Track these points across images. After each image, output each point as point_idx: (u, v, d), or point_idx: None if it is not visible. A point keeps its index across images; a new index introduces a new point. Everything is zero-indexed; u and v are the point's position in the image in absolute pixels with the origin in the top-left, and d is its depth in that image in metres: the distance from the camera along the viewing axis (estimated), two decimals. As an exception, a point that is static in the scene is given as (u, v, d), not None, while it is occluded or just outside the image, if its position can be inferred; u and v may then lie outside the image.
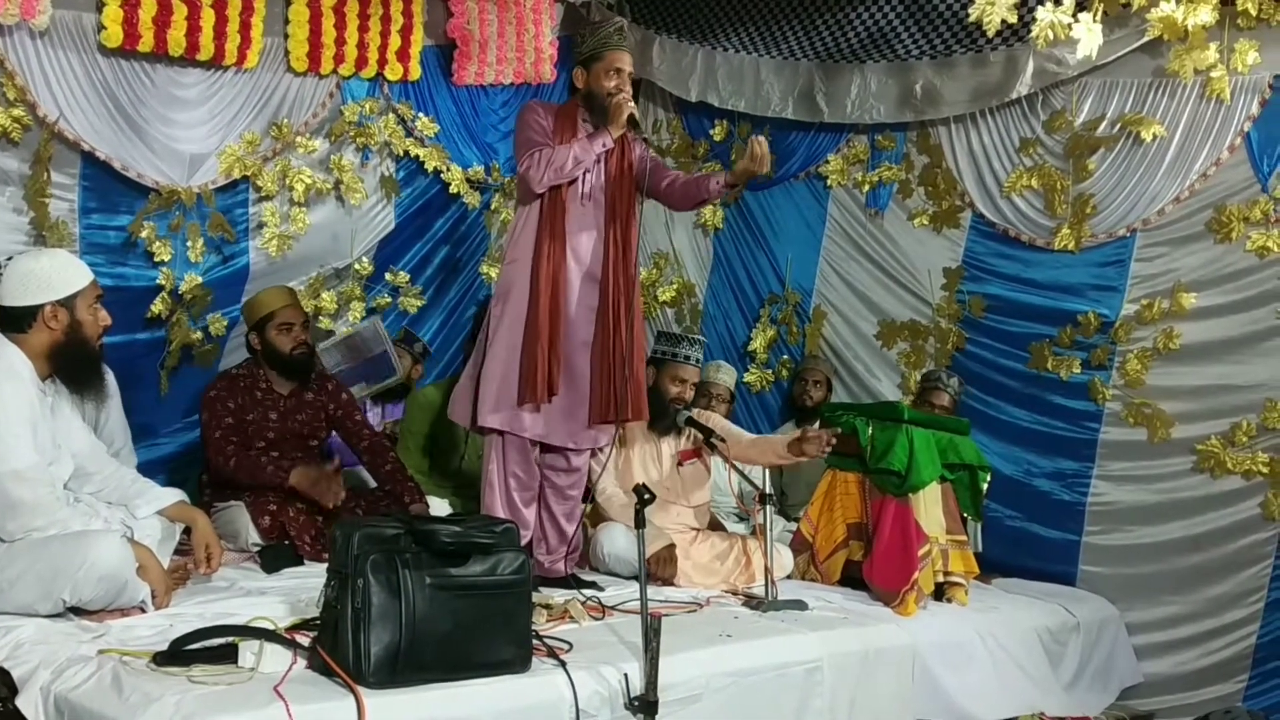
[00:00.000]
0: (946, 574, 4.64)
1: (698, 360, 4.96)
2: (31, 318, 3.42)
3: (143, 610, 3.36)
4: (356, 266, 5.76)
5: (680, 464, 4.95)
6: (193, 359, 5.28)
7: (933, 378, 5.55)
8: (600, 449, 4.54)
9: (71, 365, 3.48)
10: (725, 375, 5.75)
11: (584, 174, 4.29)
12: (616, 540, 4.55)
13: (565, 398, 4.30)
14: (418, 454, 5.36)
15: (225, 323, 5.33)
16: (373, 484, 5.02)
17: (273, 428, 4.71)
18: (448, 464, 5.36)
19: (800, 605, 4.26)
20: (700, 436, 4.80)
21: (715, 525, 5.14)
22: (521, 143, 4.30)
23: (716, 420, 5.05)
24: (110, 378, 4.13)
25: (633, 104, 4.28)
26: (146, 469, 4.41)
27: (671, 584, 4.49)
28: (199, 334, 5.25)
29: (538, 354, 4.17)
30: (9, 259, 3.73)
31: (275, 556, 4.26)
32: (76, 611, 3.28)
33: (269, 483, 4.51)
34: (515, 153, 4.39)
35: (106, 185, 4.93)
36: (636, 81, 6.56)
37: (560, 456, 4.43)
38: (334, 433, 4.99)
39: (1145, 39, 4.92)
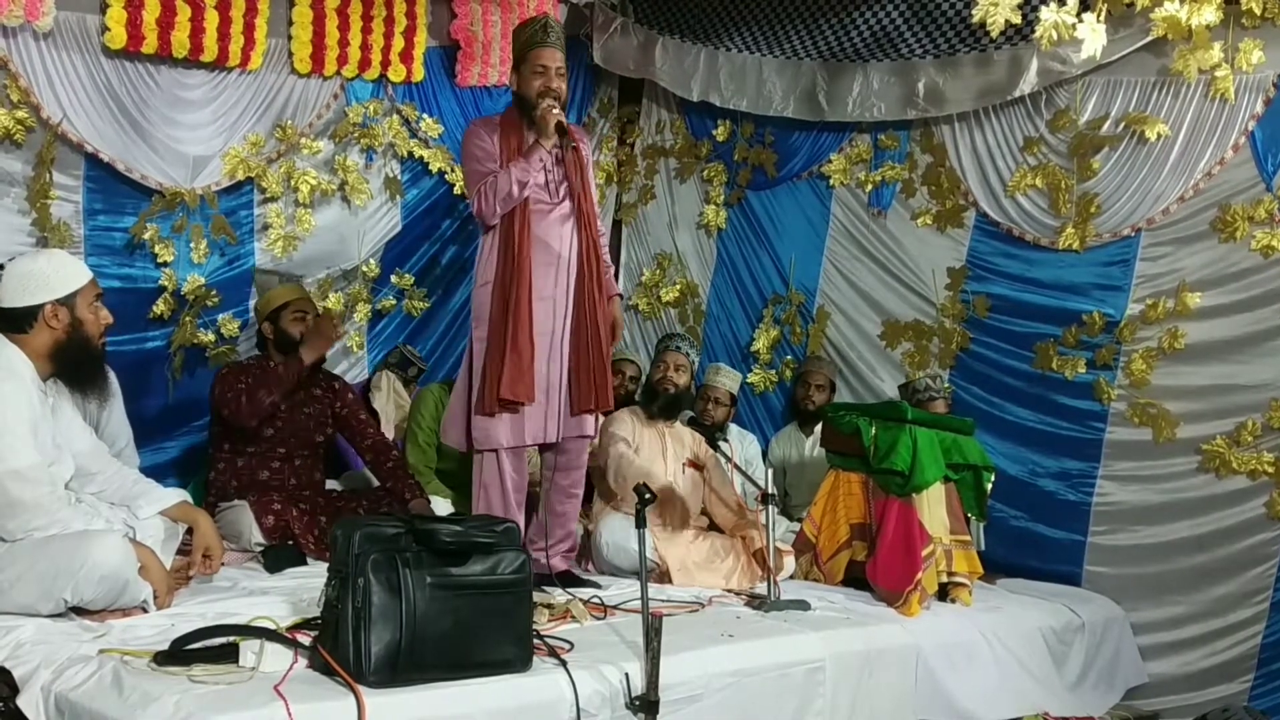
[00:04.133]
0: (950, 574, 4.63)
1: (679, 347, 5.12)
2: (32, 318, 3.43)
3: (144, 610, 3.37)
4: (364, 269, 5.77)
5: (685, 466, 4.99)
6: (206, 361, 5.29)
7: (920, 389, 5.48)
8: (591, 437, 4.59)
9: (74, 364, 3.48)
10: (725, 378, 5.74)
11: (536, 184, 4.30)
12: (615, 530, 4.56)
13: (550, 396, 4.34)
14: (430, 452, 5.36)
15: (237, 324, 5.35)
16: (374, 483, 5.03)
17: (281, 415, 4.72)
18: (453, 463, 5.35)
19: (803, 605, 4.25)
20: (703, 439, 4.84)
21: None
22: (468, 175, 4.32)
23: (719, 475, 5.09)
24: (112, 378, 4.14)
25: (558, 110, 4.26)
26: (153, 472, 4.42)
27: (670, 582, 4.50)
28: (211, 336, 5.26)
29: (497, 366, 4.21)
30: (5, 260, 3.75)
31: (278, 557, 4.27)
32: (78, 611, 3.29)
33: (280, 382, 4.59)
34: (465, 184, 4.38)
35: (112, 187, 4.95)
36: (638, 82, 6.60)
37: (565, 455, 4.44)
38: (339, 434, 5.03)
39: (1149, 38, 4.90)
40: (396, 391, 5.71)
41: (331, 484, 5.10)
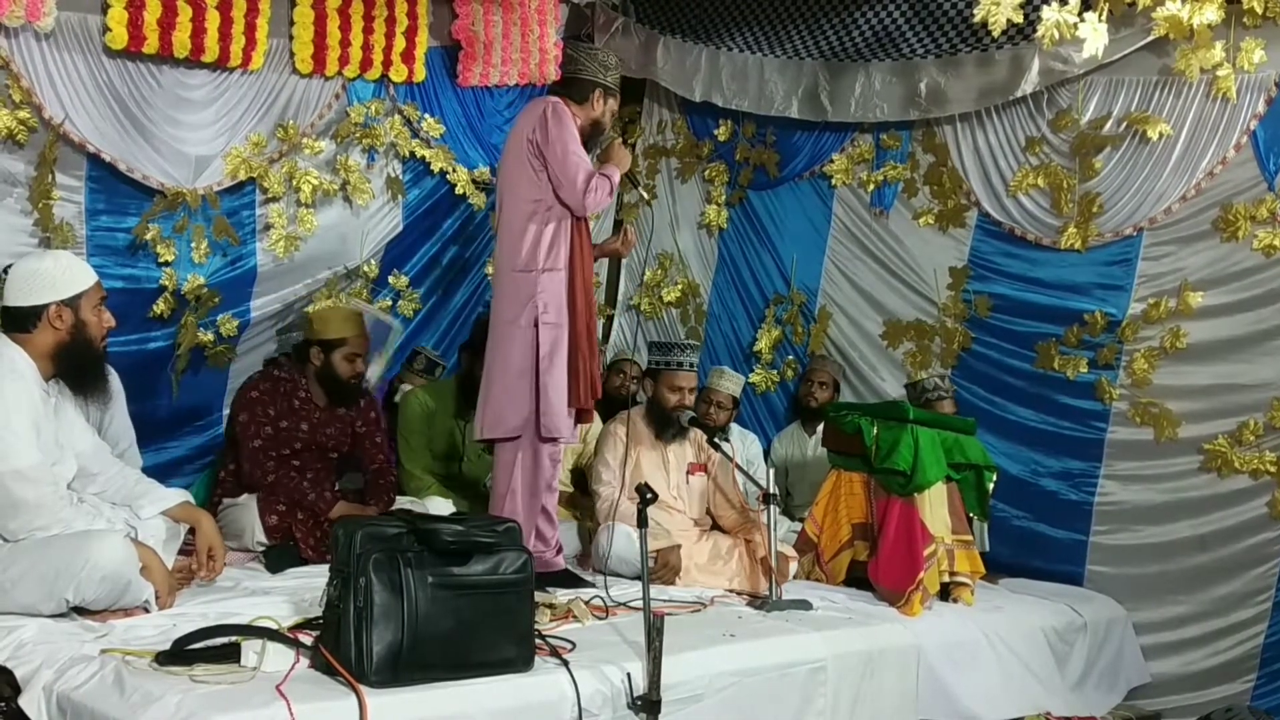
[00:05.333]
0: (952, 574, 4.63)
1: (692, 365, 4.98)
2: (36, 318, 3.43)
3: (146, 610, 3.37)
4: (364, 269, 5.76)
5: (690, 474, 4.95)
6: (205, 361, 5.29)
7: (929, 388, 5.48)
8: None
9: (75, 366, 3.49)
10: (727, 382, 5.72)
11: None
12: (618, 540, 4.55)
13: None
14: (425, 455, 5.34)
15: (236, 324, 5.34)
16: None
17: (301, 438, 4.70)
18: (447, 467, 5.35)
19: (805, 605, 4.26)
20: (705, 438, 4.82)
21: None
22: (568, 153, 4.25)
23: (725, 474, 5.05)
24: (114, 379, 4.13)
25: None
26: (156, 472, 4.41)
27: (672, 584, 4.48)
28: (210, 336, 5.26)
29: (586, 361, 4.30)
30: (8, 265, 3.75)
31: (279, 557, 4.27)
32: (80, 611, 3.29)
33: (308, 508, 4.53)
34: (555, 154, 4.26)
35: (114, 187, 4.93)
36: (640, 82, 6.61)
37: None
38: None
39: (1151, 38, 4.91)
40: None
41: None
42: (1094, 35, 4.53)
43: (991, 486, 4.92)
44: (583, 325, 4.30)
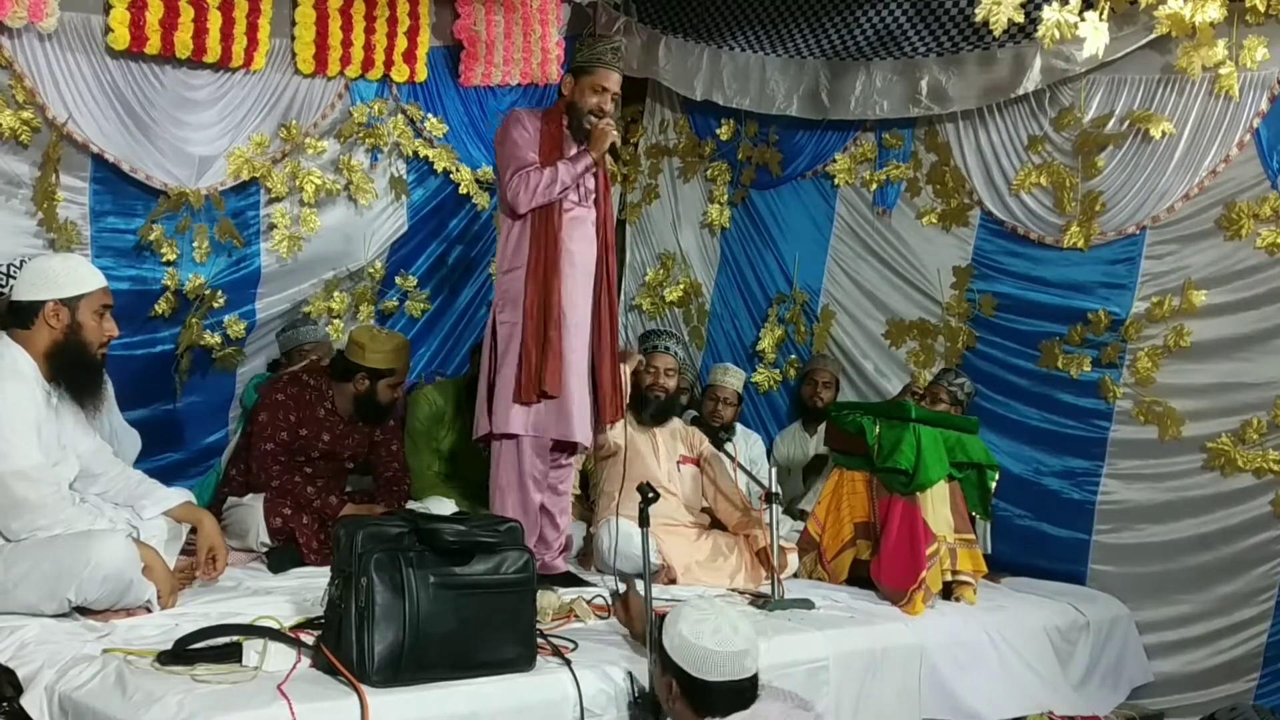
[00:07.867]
0: (955, 573, 4.62)
1: (666, 348, 5.02)
2: (35, 314, 3.43)
3: (148, 610, 3.37)
4: (370, 269, 5.76)
5: (680, 464, 4.97)
6: (214, 363, 5.29)
7: (939, 374, 5.53)
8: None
9: (68, 368, 3.46)
10: (732, 378, 5.74)
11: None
12: (622, 538, 4.55)
13: (578, 394, 4.34)
14: (429, 454, 5.34)
15: (244, 325, 5.35)
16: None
17: (320, 448, 4.68)
18: (452, 467, 5.35)
19: (807, 604, 4.25)
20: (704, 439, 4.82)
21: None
22: (505, 158, 4.34)
23: (722, 473, 5.05)
24: (107, 384, 4.12)
25: (615, 133, 4.36)
26: (159, 473, 4.40)
27: (674, 582, 4.49)
28: (217, 338, 5.26)
29: (532, 355, 4.24)
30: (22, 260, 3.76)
31: (282, 557, 4.27)
32: (82, 611, 3.30)
33: (314, 512, 4.51)
34: (499, 166, 4.40)
35: (119, 188, 4.95)
36: (642, 82, 6.61)
37: (559, 454, 4.45)
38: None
39: (1153, 35, 4.89)
40: None
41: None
42: (1094, 35, 4.52)
43: (994, 485, 4.91)
44: (535, 323, 4.24)
